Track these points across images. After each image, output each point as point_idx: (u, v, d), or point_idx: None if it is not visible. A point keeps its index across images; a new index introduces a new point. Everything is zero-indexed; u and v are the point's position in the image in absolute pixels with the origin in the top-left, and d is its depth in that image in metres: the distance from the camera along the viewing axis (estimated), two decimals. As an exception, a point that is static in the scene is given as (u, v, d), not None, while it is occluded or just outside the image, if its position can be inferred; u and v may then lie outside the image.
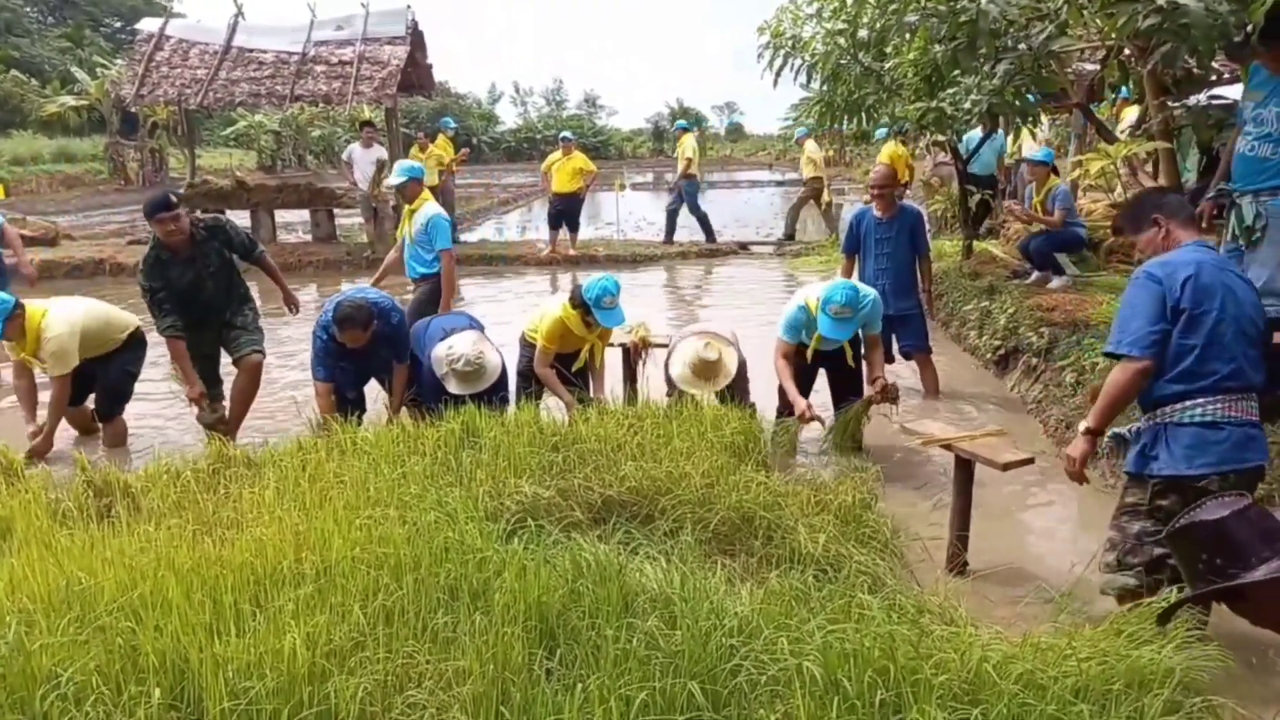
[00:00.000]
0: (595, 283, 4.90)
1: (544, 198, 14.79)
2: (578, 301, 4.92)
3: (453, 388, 4.87)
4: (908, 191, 12.16)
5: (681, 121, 17.04)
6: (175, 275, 5.00)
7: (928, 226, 5.93)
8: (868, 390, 5.00)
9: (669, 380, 5.15)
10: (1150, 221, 3.05)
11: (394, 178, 6.28)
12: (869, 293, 4.89)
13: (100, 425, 5.47)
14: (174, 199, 4.97)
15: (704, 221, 13.52)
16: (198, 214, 5.21)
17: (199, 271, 5.05)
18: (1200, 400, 2.79)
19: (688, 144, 13.58)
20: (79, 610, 2.59)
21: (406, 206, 6.32)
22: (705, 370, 4.93)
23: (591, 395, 5.05)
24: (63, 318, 5.06)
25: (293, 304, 5.65)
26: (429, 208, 6.20)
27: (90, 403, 5.50)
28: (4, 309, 4.94)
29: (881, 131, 13.06)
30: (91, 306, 5.28)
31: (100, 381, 5.35)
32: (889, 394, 4.76)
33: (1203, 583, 1.61)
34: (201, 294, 5.10)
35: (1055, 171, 7.54)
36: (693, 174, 13.37)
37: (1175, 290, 2.80)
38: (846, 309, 4.65)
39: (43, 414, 5.17)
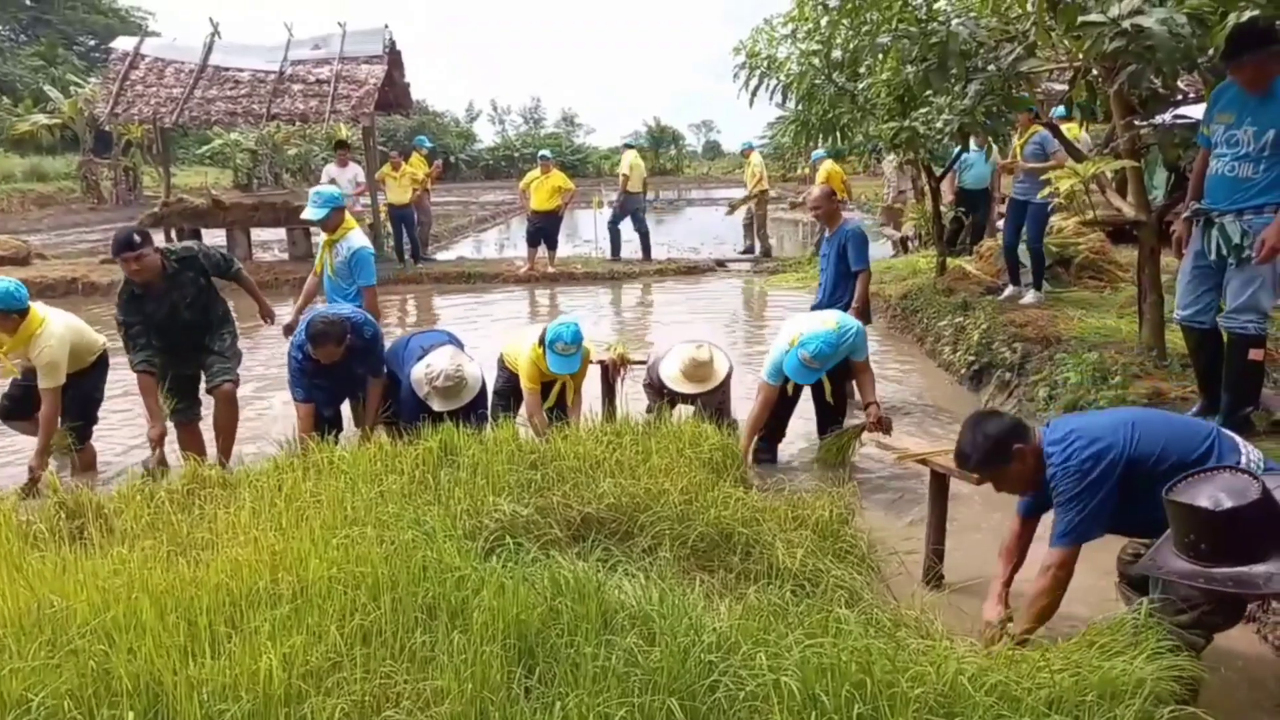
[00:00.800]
0: (555, 325, 4.85)
1: (522, 215, 14.82)
2: (543, 340, 4.90)
3: (437, 405, 4.86)
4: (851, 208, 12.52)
5: (627, 139, 17.17)
6: (151, 309, 4.91)
7: (870, 244, 6.12)
8: (857, 416, 5.03)
9: (655, 384, 5.19)
10: (1013, 454, 2.92)
11: (312, 210, 5.57)
12: (850, 326, 4.88)
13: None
14: (138, 239, 4.75)
15: (644, 237, 13.67)
16: (168, 246, 5.06)
17: (174, 303, 4.95)
18: None
19: (625, 160, 13.76)
20: (50, 633, 2.56)
21: (327, 237, 5.72)
22: (696, 372, 4.99)
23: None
24: (56, 329, 4.92)
25: (268, 315, 5.52)
26: (353, 238, 5.67)
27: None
28: (17, 301, 4.75)
29: (819, 153, 13.58)
30: (71, 321, 5.14)
31: (67, 404, 5.21)
32: (883, 424, 4.73)
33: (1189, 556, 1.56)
34: (178, 323, 5.01)
35: (1037, 118, 7.15)
36: (634, 191, 13.48)
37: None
38: (815, 361, 4.69)
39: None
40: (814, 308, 6.20)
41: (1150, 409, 3.95)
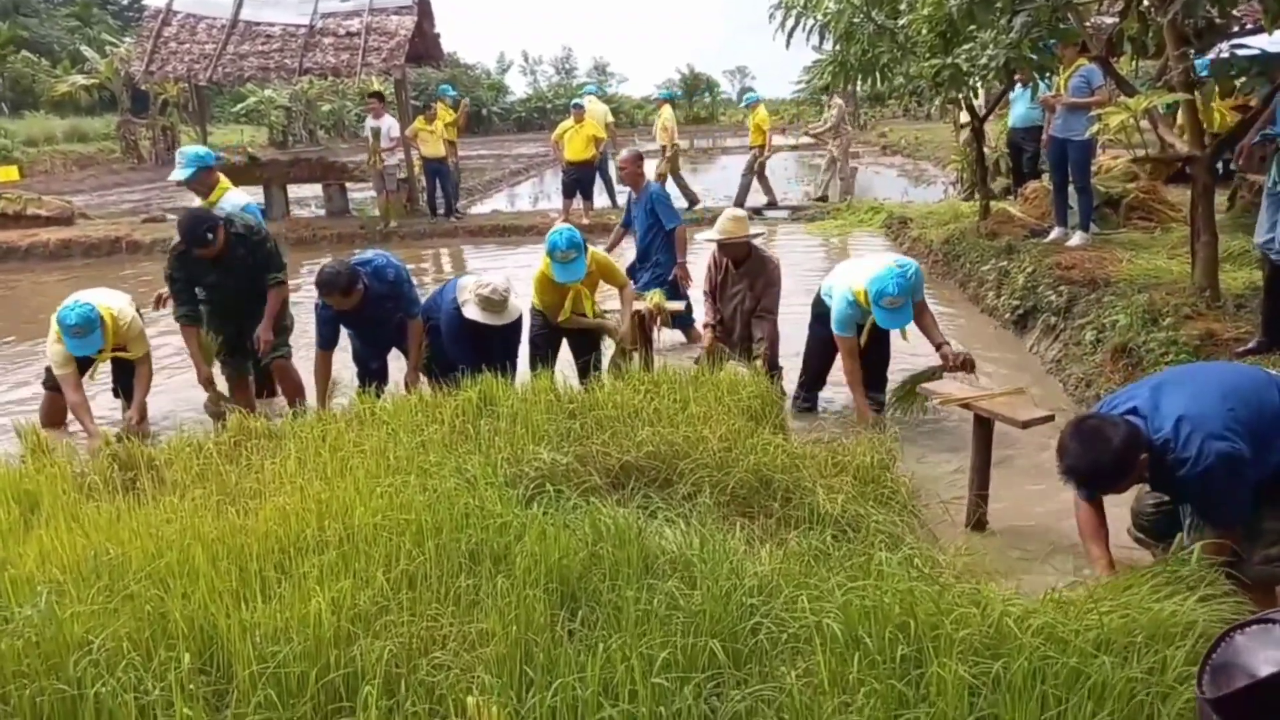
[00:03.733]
0: (551, 234, 4.90)
1: (556, 168, 14.70)
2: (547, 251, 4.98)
3: (469, 312, 4.87)
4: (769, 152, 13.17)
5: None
6: (200, 271, 4.97)
7: (671, 202, 6.46)
8: (917, 361, 4.99)
9: (710, 268, 5.41)
10: (1136, 464, 2.69)
11: (178, 171, 5.37)
12: (908, 262, 4.77)
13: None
14: (210, 235, 4.78)
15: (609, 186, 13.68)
16: (230, 216, 5.02)
17: (223, 271, 4.99)
18: None
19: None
20: (108, 580, 2.63)
21: (202, 201, 5.45)
22: (730, 226, 5.14)
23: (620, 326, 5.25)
24: (118, 304, 5.07)
25: (263, 339, 5.15)
26: (230, 198, 5.44)
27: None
28: (96, 321, 4.82)
29: (753, 96, 13.87)
30: (116, 296, 5.26)
31: (117, 372, 5.39)
32: (964, 363, 4.58)
33: None
34: (225, 289, 5.09)
35: (1084, 51, 6.68)
36: (601, 137, 13.19)
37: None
38: (900, 299, 4.50)
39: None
40: (629, 269, 6.42)
41: (1203, 364, 3.80)
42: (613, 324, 5.32)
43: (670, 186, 13.44)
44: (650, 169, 14.11)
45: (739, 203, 13.37)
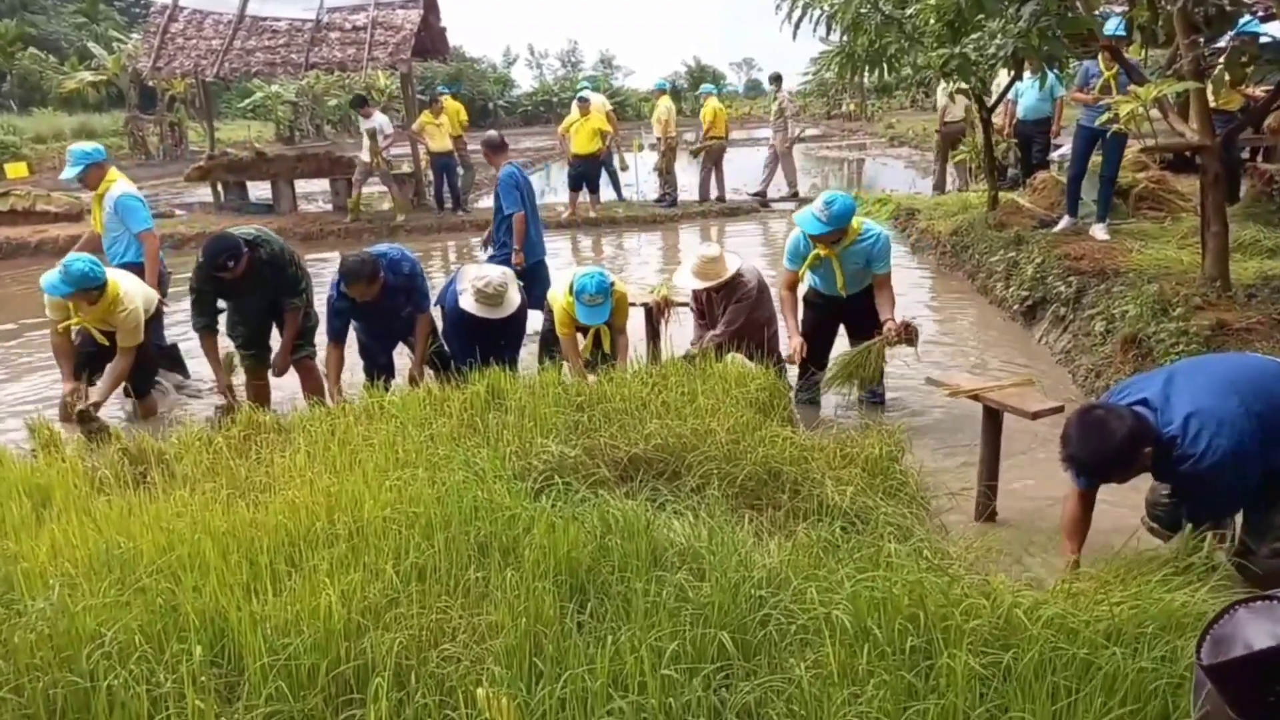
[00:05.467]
0: (581, 275, 4.81)
1: (562, 161, 14.67)
2: (572, 289, 4.86)
3: (466, 303, 4.89)
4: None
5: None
6: (223, 288, 5.00)
7: (512, 189, 6.61)
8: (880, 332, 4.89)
9: (694, 304, 5.30)
10: (1139, 457, 2.68)
11: (68, 170, 5.55)
12: (873, 228, 4.78)
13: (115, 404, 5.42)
14: (230, 263, 4.75)
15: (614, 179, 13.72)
16: (257, 236, 4.96)
17: (246, 290, 5.02)
18: None
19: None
20: (119, 573, 2.65)
21: (94, 194, 5.66)
22: (706, 268, 4.97)
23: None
24: (133, 291, 5.05)
25: (276, 366, 5.23)
26: (115, 189, 5.55)
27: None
28: (94, 280, 4.79)
29: (708, 87, 14.47)
30: (136, 281, 5.24)
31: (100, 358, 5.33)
32: (907, 334, 4.62)
33: None
34: (247, 306, 5.16)
35: (1093, 40, 6.38)
36: (606, 130, 13.15)
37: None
38: (825, 210, 4.57)
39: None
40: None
41: (1215, 356, 3.79)
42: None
43: (677, 181, 13.52)
44: (650, 161, 14.16)
45: (704, 196, 13.59)
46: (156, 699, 2.14)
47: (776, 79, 14.24)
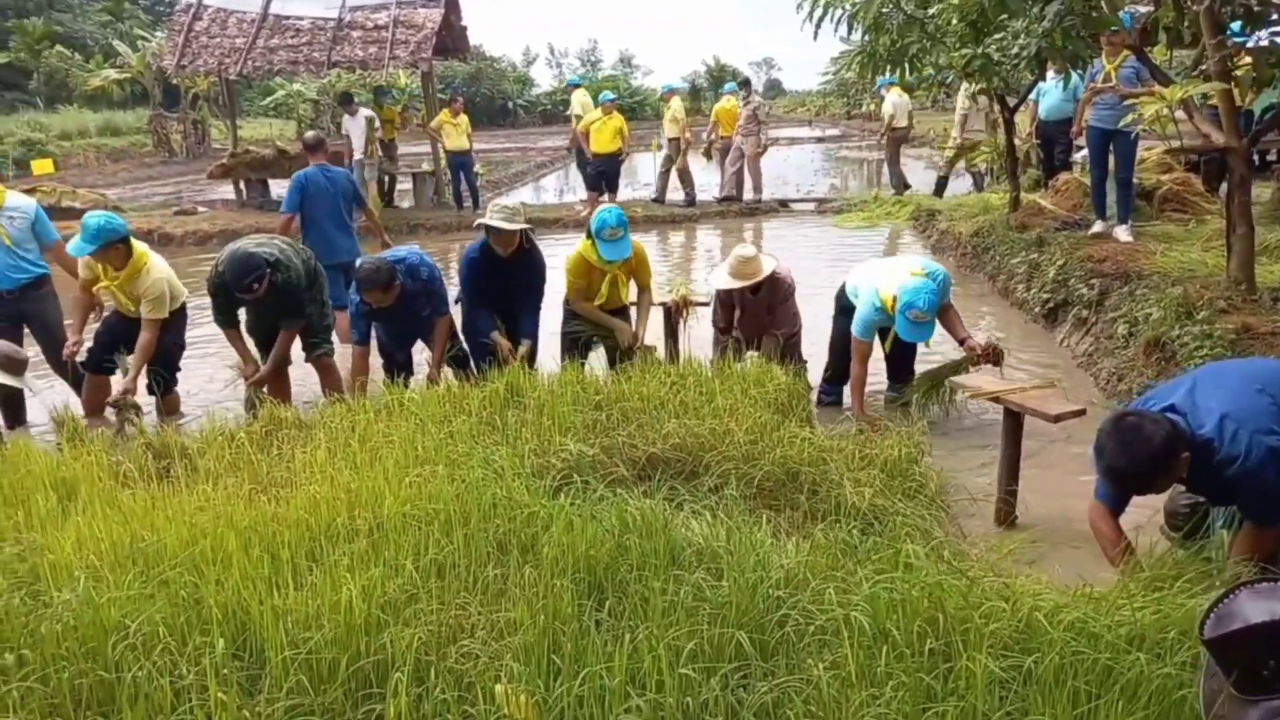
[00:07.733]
0: (599, 214, 4.94)
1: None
2: (589, 235, 4.99)
3: (488, 218, 4.96)
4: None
5: (573, 78, 16.70)
6: (239, 300, 5.08)
7: (363, 187, 6.95)
8: (952, 352, 4.91)
9: (719, 303, 5.32)
10: (1178, 463, 2.62)
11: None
12: (938, 270, 4.71)
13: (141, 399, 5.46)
14: (255, 285, 4.78)
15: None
16: (277, 277, 4.91)
17: (261, 305, 5.08)
18: None
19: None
20: (143, 565, 2.68)
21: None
22: (743, 268, 4.99)
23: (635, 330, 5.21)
24: (161, 265, 5.14)
25: (254, 375, 5.15)
26: (13, 199, 5.31)
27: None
28: (114, 231, 4.80)
29: (730, 86, 14.47)
30: (167, 265, 5.32)
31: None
32: (992, 354, 4.53)
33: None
34: (263, 319, 5.27)
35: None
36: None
37: None
38: (927, 314, 4.43)
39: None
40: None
41: (1234, 361, 3.78)
42: (624, 326, 5.24)
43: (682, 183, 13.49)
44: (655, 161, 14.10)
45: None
46: (179, 691, 2.17)
47: (745, 84, 14.16)
